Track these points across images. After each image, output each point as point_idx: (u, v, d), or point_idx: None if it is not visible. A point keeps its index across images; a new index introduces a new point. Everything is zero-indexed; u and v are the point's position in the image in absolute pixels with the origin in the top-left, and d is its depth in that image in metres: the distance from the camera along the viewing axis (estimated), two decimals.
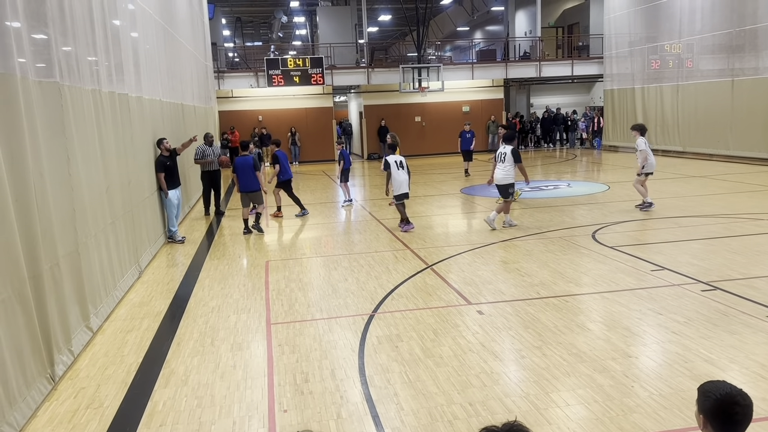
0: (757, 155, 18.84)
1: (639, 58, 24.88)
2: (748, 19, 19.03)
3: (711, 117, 20.72)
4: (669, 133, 23.07)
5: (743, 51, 19.50)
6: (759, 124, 18.72)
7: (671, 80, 23.01)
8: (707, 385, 2.32)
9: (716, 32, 20.47)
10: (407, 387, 4.83)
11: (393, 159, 10.98)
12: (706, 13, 20.84)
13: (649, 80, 24.27)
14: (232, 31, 41.38)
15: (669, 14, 22.65)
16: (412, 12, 27.18)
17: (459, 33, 43.36)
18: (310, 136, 28.08)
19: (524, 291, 7.24)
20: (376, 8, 37.28)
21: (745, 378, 4.69)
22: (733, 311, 6.18)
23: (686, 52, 22.27)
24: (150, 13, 11.53)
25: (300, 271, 8.76)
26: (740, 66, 19.66)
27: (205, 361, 5.56)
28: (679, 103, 22.55)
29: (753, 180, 15.51)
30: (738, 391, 2.27)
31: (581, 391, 4.63)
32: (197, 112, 17.64)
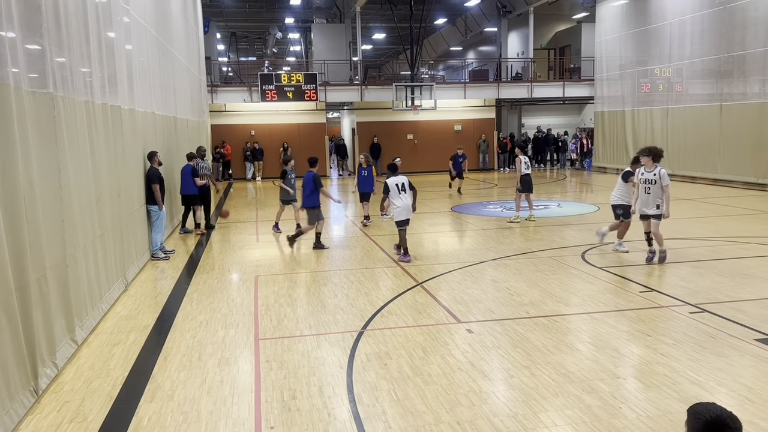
0: (745, 179, 19.05)
1: (629, 81, 25.19)
2: (737, 46, 19.35)
3: (700, 141, 20.97)
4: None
5: (732, 76, 19.81)
6: (747, 148, 18.96)
7: (661, 104, 23.29)
8: (698, 407, 2.32)
9: (705, 57, 20.79)
10: (395, 405, 4.81)
11: (393, 182, 10.09)
12: (695, 38, 21.17)
13: (640, 103, 24.56)
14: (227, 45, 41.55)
15: (659, 39, 23.00)
16: (405, 31, 27.42)
17: (452, 53, 43.78)
18: (303, 151, 28.04)
19: (514, 310, 7.24)
20: (370, 26, 37.61)
21: (733, 401, 4.70)
22: (720, 334, 6.21)
23: (676, 76, 22.58)
24: (145, 26, 11.56)
25: (289, 286, 8.72)
26: (728, 91, 19.95)
27: (192, 376, 5.51)
28: (668, 126, 22.82)
29: (741, 203, 15.67)
30: (728, 414, 2.27)
31: (569, 411, 4.62)
32: (189, 125, 17.63)
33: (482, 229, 12.91)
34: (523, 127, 32.67)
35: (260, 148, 27.74)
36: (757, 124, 18.58)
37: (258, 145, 27.74)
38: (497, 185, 23.29)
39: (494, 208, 16.47)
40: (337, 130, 37.75)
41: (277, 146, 27.93)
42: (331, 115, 36.79)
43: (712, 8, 20.31)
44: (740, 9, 19.10)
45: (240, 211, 17.20)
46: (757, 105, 18.71)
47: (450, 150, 22.01)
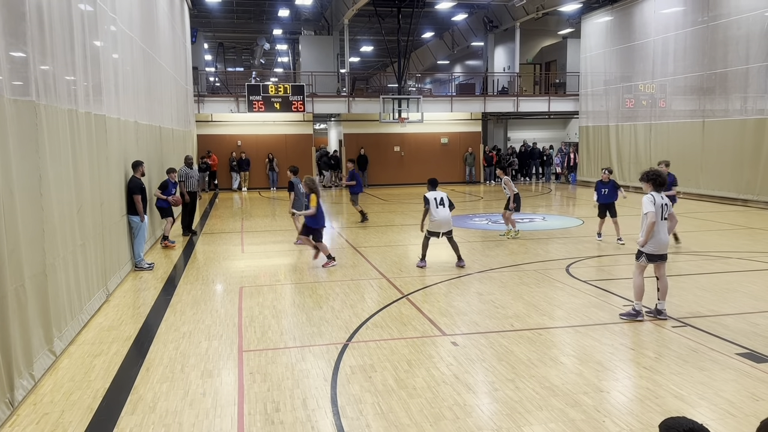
0: (726, 194, 19.31)
1: (614, 97, 25.50)
2: (719, 63, 19.68)
3: (682, 156, 21.23)
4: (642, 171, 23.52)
5: (714, 93, 20.13)
6: (728, 164, 19.23)
7: (645, 119, 23.59)
8: (669, 421, 2.36)
9: (688, 74, 21.12)
10: (379, 418, 4.78)
11: (432, 195, 10.27)
12: (678, 55, 21.51)
13: (624, 118, 24.85)
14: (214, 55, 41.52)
15: (643, 55, 23.33)
16: (393, 44, 27.60)
17: (439, 66, 44.09)
18: (289, 162, 28.00)
19: (498, 323, 7.25)
20: (358, 39, 37.82)
21: (714, 414, 4.73)
22: (702, 348, 6.25)
23: (659, 92, 22.90)
24: (131, 36, 11.53)
25: (274, 297, 8.67)
26: (711, 108, 20.26)
27: (174, 388, 5.44)
28: (652, 141, 23.10)
29: (722, 219, 15.86)
30: (699, 426, 2.31)
31: (553, 425, 4.62)
32: (175, 135, 17.56)
33: (468, 242, 12.93)
34: (509, 141, 32.91)
35: (247, 158, 27.67)
36: (738, 141, 18.87)
37: (244, 155, 27.67)
38: (483, 198, 23.39)
39: (480, 221, 16.52)
40: (324, 141, 37.76)
41: (264, 157, 27.89)
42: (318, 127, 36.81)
43: (694, 26, 20.67)
44: (722, 27, 19.45)
45: (225, 222, 17.11)
46: (739, 122, 19.01)
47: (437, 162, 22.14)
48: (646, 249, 7.07)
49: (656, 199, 7.04)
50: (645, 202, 7.09)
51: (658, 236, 7.03)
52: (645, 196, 7.15)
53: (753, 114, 18.64)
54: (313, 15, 33.16)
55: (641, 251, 7.14)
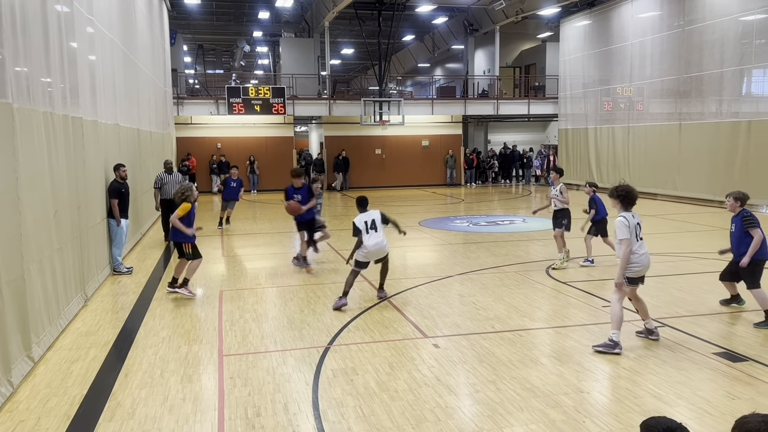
0: (703, 196, 19.60)
1: (592, 100, 25.79)
2: (694, 67, 20.00)
3: (660, 158, 21.54)
4: (620, 173, 23.82)
5: (690, 96, 20.45)
6: (704, 166, 19.54)
7: (623, 122, 23.88)
8: (649, 421, 2.45)
9: (665, 78, 21.43)
10: (361, 421, 4.77)
11: (362, 219, 8.30)
12: (655, 59, 21.82)
13: (602, 121, 25.14)
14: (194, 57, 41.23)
15: (621, 59, 23.63)
16: (374, 47, 27.63)
17: (420, 69, 44.23)
18: (270, 164, 27.97)
19: (480, 324, 7.28)
20: (339, 42, 37.81)
21: (692, 413, 4.80)
22: (680, 348, 6.34)
23: (637, 95, 23.21)
24: (110, 37, 11.41)
25: (255, 301, 8.62)
26: (687, 111, 20.58)
27: (154, 394, 5.38)
28: (630, 143, 23.39)
29: (698, 220, 16.10)
30: (678, 425, 2.39)
31: (534, 426, 4.65)
32: (154, 137, 17.40)
33: (449, 244, 12.98)
34: (489, 144, 33.11)
35: (227, 161, 27.46)
36: (714, 143, 19.19)
37: (224, 158, 27.48)
38: (464, 200, 23.49)
39: (461, 223, 16.59)
40: (306, 143, 37.67)
41: (244, 159, 27.71)
42: (299, 129, 36.71)
43: (671, 30, 20.99)
44: (698, 31, 19.78)
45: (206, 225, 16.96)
46: (714, 124, 19.33)
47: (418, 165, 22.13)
48: (628, 272, 6.34)
49: (629, 221, 6.29)
50: (618, 227, 6.27)
51: (640, 258, 6.35)
52: (617, 220, 6.33)
53: (728, 117, 18.97)
54: (294, 17, 33.08)
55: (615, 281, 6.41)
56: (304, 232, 10.76)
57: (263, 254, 12.48)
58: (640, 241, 6.40)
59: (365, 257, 8.28)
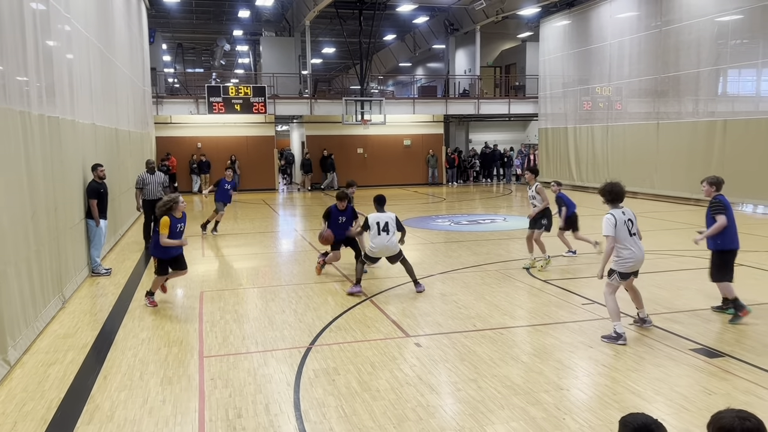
0: (680, 194, 19.88)
1: (572, 99, 26.02)
2: (671, 67, 20.28)
3: (638, 157, 21.80)
4: (599, 172, 24.08)
5: (667, 96, 20.73)
6: (681, 165, 19.81)
7: (602, 121, 24.13)
8: (627, 417, 2.53)
9: (643, 77, 21.69)
10: (343, 421, 4.77)
11: (375, 219, 8.76)
12: (633, 59, 22.07)
13: (581, 120, 25.37)
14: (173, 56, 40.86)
15: (599, 59, 23.87)
16: (355, 46, 27.60)
17: (401, 68, 44.27)
18: (251, 164, 27.81)
19: (461, 323, 7.31)
20: (320, 41, 37.70)
21: (670, 409, 4.87)
22: (658, 344, 6.42)
23: (615, 95, 23.46)
24: (86, 36, 11.26)
25: (236, 302, 8.57)
26: (664, 110, 20.86)
27: (133, 396, 5.33)
28: (608, 143, 23.64)
29: (676, 218, 16.32)
30: (653, 421, 2.48)
31: (515, 423, 4.69)
32: (132, 137, 17.22)
33: (431, 243, 13.02)
34: (470, 143, 33.26)
35: (207, 160, 27.29)
36: (691, 142, 19.46)
37: (205, 157, 27.29)
38: (446, 200, 23.57)
39: (443, 222, 16.64)
40: (287, 142, 37.53)
41: (225, 159, 27.52)
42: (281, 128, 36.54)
43: (648, 31, 21.25)
44: (674, 32, 20.04)
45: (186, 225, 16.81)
46: (691, 123, 19.61)
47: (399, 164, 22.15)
48: (621, 267, 6.48)
49: (617, 218, 6.40)
50: (603, 224, 6.43)
51: (633, 254, 6.45)
52: (605, 217, 6.48)
53: (704, 116, 19.25)
54: (274, 16, 32.94)
55: (613, 269, 6.56)
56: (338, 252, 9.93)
57: (244, 254, 12.41)
58: (634, 236, 6.52)
59: (373, 253, 8.87)
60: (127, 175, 14.93)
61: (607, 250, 6.50)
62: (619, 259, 6.52)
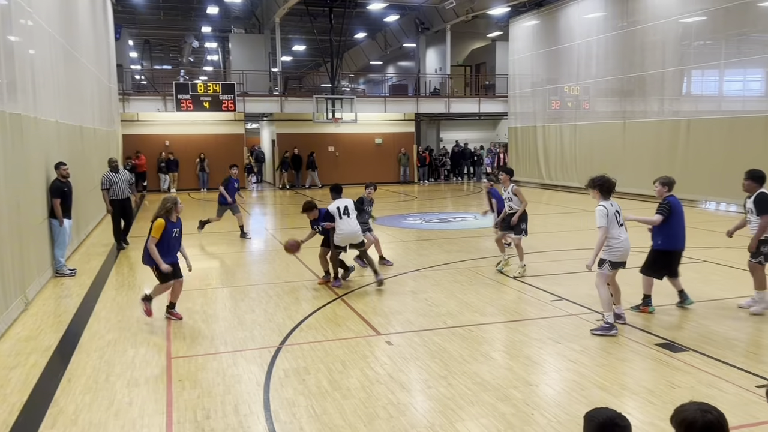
0: (646, 192, 20.22)
1: (540, 98, 26.32)
2: (637, 67, 20.65)
3: (605, 155, 22.15)
4: (568, 170, 24.43)
5: (633, 96, 21.11)
6: (647, 163, 20.18)
7: (570, 120, 24.46)
8: (592, 412, 2.58)
9: (610, 77, 22.05)
10: (313, 421, 4.74)
11: (335, 206, 9.01)
12: (600, 59, 22.42)
13: (550, 119, 25.69)
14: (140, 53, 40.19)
15: (568, 58, 24.18)
16: (326, 44, 27.50)
17: (372, 67, 44.25)
18: (220, 162, 27.46)
19: (432, 321, 7.34)
20: (290, 38, 37.45)
21: (635, 403, 4.96)
22: (624, 340, 6.54)
23: (583, 94, 23.81)
24: (49, 31, 11.00)
25: (204, 302, 8.47)
26: (631, 109, 21.24)
27: (98, 399, 5.23)
28: (576, 141, 23.98)
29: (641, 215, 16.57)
30: (617, 414, 2.54)
31: (484, 420, 4.72)
32: (98, 135, 16.88)
33: (402, 241, 13.04)
34: (441, 141, 33.41)
35: (175, 159, 26.91)
36: (656, 141, 19.86)
37: (173, 156, 26.90)
38: (417, 198, 23.64)
39: (414, 220, 16.69)
40: (257, 140, 37.22)
41: (193, 157, 27.22)
42: (250, 126, 36.23)
43: (615, 31, 21.61)
44: (640, 33, 20.42)
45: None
46: (656, 123, 20.01)
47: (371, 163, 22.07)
48: (611, 257, 6.73)
49: (608, 209, 6.70)
50: (597, 215, 6.70)
51: (621, 243, 6.76)
52: (597, 208, 6.76)
53: (669, 115, 19.66)
54: (244, 13, 32.62)
55: (604, 259, 6.78)
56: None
57: (213, 254, 12.27)
58: (621, 227, 6.83)
59: (341, 241, 8.99)
60: (92, 174, 14.63)
61: (600, 240, 6.70)
62: (609, 249, 6.78)
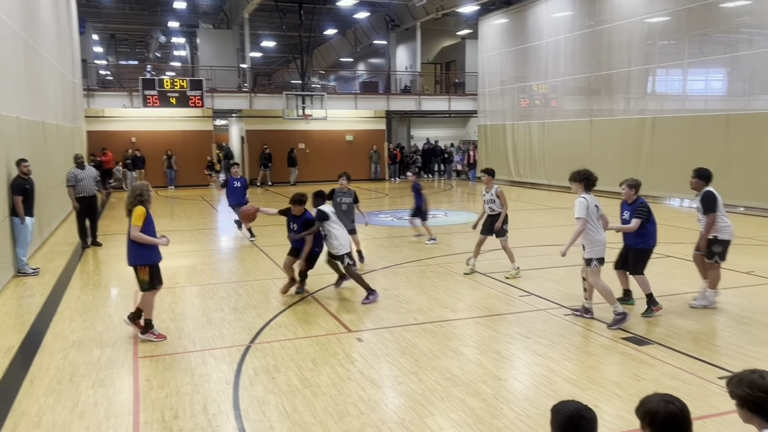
0: (612, 189, 20.56)
1: (510, 97, 26.55)
2: (604, 66, 20.98)
3: (573, 153, 22.44)
4: (536, 168, 24.71)
5: (600, 94, 21.45)
6: (613, 160, 20.53)
7: (538, 118, 24.74)
8: (558, 405, 2.63)
9: (577, 76, 22.36)
10: (283, 419, 4.71)
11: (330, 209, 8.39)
12: (568, 57, 22.72)
13: (519, 117, 25.94)
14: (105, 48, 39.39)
15: (536, 57, 24.44)
16: (295, 40, 27.31)
17: (343, 63, 44.11)
18: (188, 159, 27.16)
19: (402, 317, 7.35)
20: (259, 34, 37.10)
21: (602, 396, 5.04)
22: (591, 334, 6.64)
23: (551, 92, 24.11)
24: (9, 24, 10.69)
25: (172, 301, 8.34)
26: (598, 107, 21.58)
27: (62, 400, 5.11)
28: (545, 139, 24.26)
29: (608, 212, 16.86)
30: (583, 406, 2.59)
31: (454, 415, 4.75)
32: (61, 131, 16.49)
33: (373, 238, 13.03)
34: (412, 139, 33.49)
35: (142, 155, 26.46)
36: (622, 139, 20.21)
37: (139, 152, 26.45)
38: (388, 195, 23.66)
39: (385, 217, 16.70)
40: (225, 137, 36.80)
41: (161, 154, 26.80)
42: (219, 123, 35.80)
43: (582, 30, 21.91)
44: (607, 32, 20.74)
45: (119, 223, 16.27)
46: (622, 121, 20.36)
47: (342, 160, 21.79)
48: (596, 254, 6.74)
49: (589, 202, 6.75)
50: (577, 207, 6.70)
51: (600, 238, 6.80)
52: (577, 199, 6.74)
53: (635, 114, 20.03)
54: (212, 8, 32.20)
55: (591, 258, 6.77)
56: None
57: (181, 252, 12.09)
58: (599, 221, 6.95)
59: (343, 247, 8.10)
60: (55, 171, 14.29)
61: (577, 230, 6.76)
62: (592, 245, 6.82)
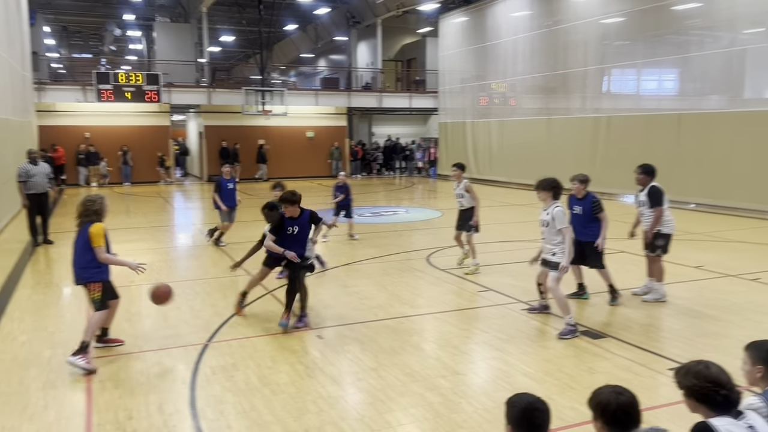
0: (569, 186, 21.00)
1: (469, 95, 26.81)
2: (561, 65, 21.37)
3: (531, 151, 22.84)
4: (495, 165, 25.02)
5: (557, 93, 21.84)
6: (570, 158, 20.91)
7: (497, 116, 25.05)
8: (513, 398, 2.70)
9: (535, 74, 22.72)
10: (242, 418, 4.67)
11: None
12: (526, 56, 23.05)
13: (479, 115, 26.22)
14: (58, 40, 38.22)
15: (495, 55, 24.73)
16: (255, 35, 27.01)
17: (303, 59, 43.81)
18: (144, 155, 26.60)
19: (363, 314, 7.36)
20: (218, 28, 36.53)
21: (557, 389, 5.14)
22: (547, 328, 6.77)
23: (510, 91, 24.44)
24: None
25: (127, 299, 8.12)
26: (554, 106, 21.97)
27: (11, 403, 4.95)
28: (504, 137, 24.58)
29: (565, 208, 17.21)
30: (537, 399, 2.66)
31: (413, 410, 4.78)
32: (11, 125, 15.95)
33: (334, 235, 12.99)
34: (373, 136, 33.51)
35: (96, 151, 25.79)
36: (578, 137, 20.63)
37: (93, 148, 25.77)
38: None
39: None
40: (183, 133, 36.15)
41: (116, 149, 26.17)
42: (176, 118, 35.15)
43: (540, 29, 22.26)
44: (563, 32, 21.13)
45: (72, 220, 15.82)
46: (578, 119, 20.78)
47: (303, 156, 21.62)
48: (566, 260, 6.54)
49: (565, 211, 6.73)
50: (559, 217, 6.62)
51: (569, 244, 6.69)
52: (558, 209, 6.68)
53: (590, 112, 20.46)
54: (169, 1, 31.56)
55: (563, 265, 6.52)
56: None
57: (137, 250, 11.82)
58: None
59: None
60: (5, 167, 13.81)
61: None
62: (564, 252, 6.51)
